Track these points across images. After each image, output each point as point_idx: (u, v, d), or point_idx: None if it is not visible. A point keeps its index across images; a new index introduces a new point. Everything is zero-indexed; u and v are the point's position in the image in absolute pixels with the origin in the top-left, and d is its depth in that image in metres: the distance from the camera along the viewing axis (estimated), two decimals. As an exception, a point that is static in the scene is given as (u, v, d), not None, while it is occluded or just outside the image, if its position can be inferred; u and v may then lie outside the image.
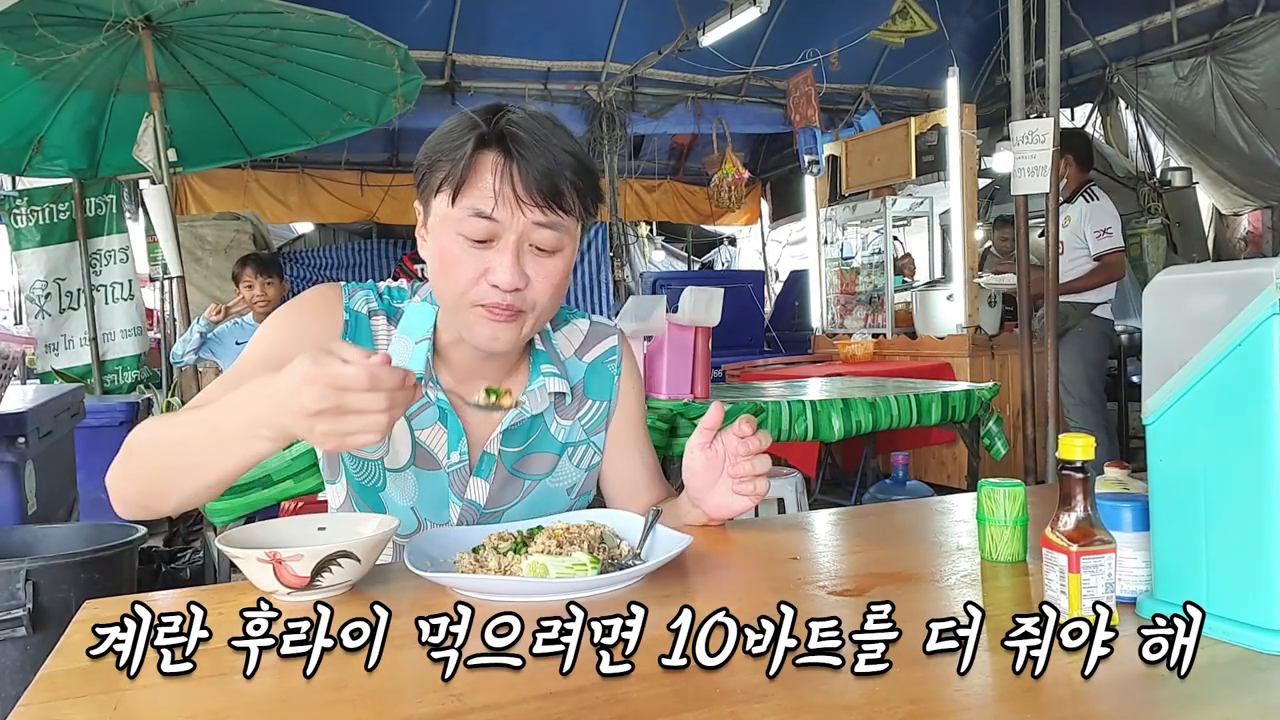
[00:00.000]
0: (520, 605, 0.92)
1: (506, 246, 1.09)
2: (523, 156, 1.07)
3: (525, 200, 1.07)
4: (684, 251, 11.65)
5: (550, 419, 1.26)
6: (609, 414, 1.31)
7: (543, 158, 1.08)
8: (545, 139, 1.09)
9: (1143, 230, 7.02)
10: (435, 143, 1.12)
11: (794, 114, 7.52)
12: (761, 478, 1.13)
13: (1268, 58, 6.34)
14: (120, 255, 6.19)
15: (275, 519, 1.10)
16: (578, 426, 1.28)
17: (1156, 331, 0.84)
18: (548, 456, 1.27)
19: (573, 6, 7.55)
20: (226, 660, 0.80)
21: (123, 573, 2.07)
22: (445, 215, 1.10)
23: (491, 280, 1.09)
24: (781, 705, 0.67)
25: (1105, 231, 4.36)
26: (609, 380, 1.32)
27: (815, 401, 2.84)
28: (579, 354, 1.31)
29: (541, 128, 1.10)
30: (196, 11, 4.27)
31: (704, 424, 1.15)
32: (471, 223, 1.08)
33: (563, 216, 1.11)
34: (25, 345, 6.33)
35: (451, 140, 1.10)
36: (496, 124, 1.08)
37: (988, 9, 7.56)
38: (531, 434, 1.25)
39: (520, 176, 1.07)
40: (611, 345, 1.33)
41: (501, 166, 1.07)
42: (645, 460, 1.34)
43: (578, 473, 1.29)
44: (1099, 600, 0.79)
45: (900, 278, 6.21)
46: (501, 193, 1.07)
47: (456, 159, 1.08)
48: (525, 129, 1.08)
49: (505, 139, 1.08)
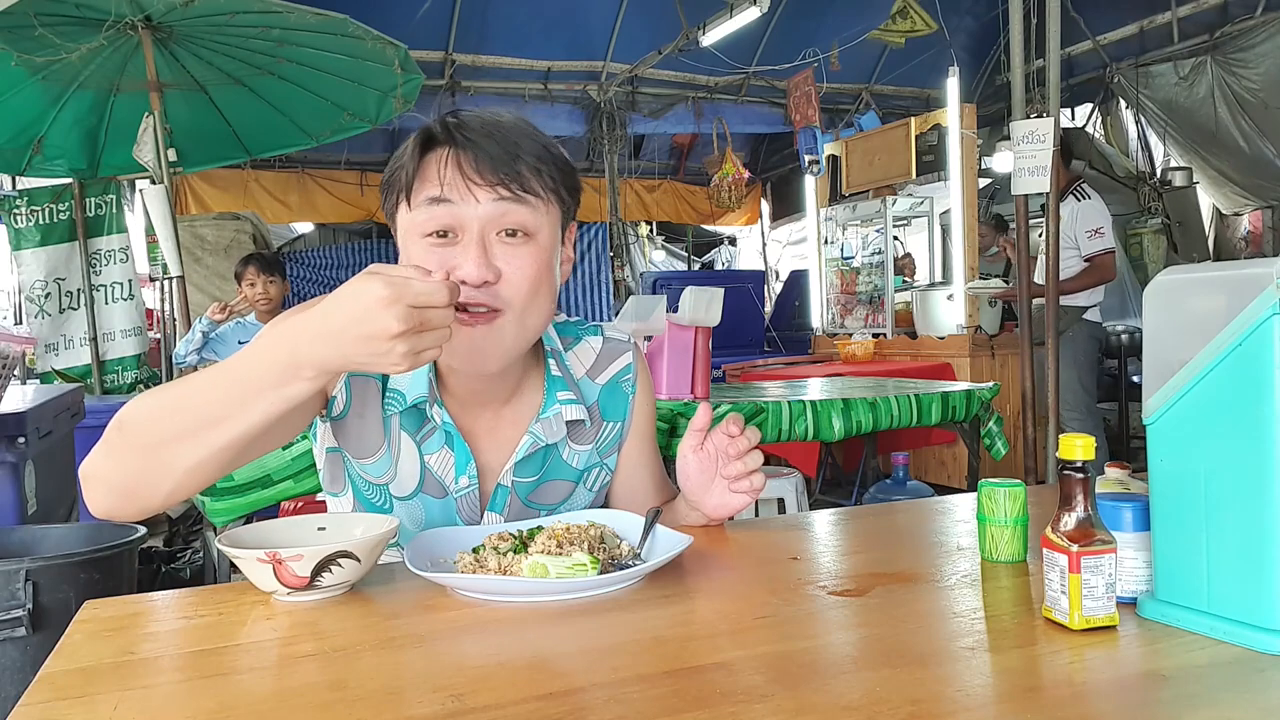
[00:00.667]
0: (520, 605, 0.92)
1: (471, 239, 1.03)
2: (470, 140, 1.03)
3: (476, 180, 1.03)
4: (684, 251, 11.65)
5: (564, 446, 1.22)
6: (623, 434, 1.28)
7: (493, 141, 1.04)
8: (495, 127, 1.05)
9: (1143, 230, 7.02)
10: (393, 162, 1.10)
11: (794, 114, 7.52)
12: (756, 473, 1.12)
13: (1268, 57, 6.34)
14: (120, 255, 6.19)
15: (275, 519, 1.10)
16: (594, 451, 1.25)
17: (1156, 331, 0.84)
18: (564, 484, 1.23)
19: (573, 6, 7.55)
20: (226, 660, 0.80)
21: (122, 573, 2.07)
22: (408, 224, 1.06)
23: (458, 275, 1.01)
24: (781, 705, 0.66)
25: (1097, 231, 4.28)
26: (624, 400, 1.28)
27: (815, 401, 2.84)
28: (591, 374, 1.26)
29: (493, 120, 1.06)
30: (196, 11, 4.27)
31: (693, 426, 1.15)
32: (428, 213, 1.03)
33: (526, 196, 1.04)
34: (25, 345, 6.33)
35: (404, 151, 1.08)
36: (442, 121, 1.06)
37: (988, 9, 7.56)
38: (545, 462, 1.21)
39: (468, 159, 1.03)
40: (627, 364, 1.29)
41: (449, 155, 1.04)
42: (654, 473, 1.33)
43: (589, 495, 1.27)
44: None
45: (900, 278, 6.21)
46: (451, 179, 1.03)
47: (406, 163, 1.06)
48: (471, 122, 1.05)
49: (449, 129, 1.05)
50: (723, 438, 1.13)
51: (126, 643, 0.84)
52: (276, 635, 0.86)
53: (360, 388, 1.16)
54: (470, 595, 0.94)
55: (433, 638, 0.84)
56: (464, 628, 0.87)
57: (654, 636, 0.82)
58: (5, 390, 2.56)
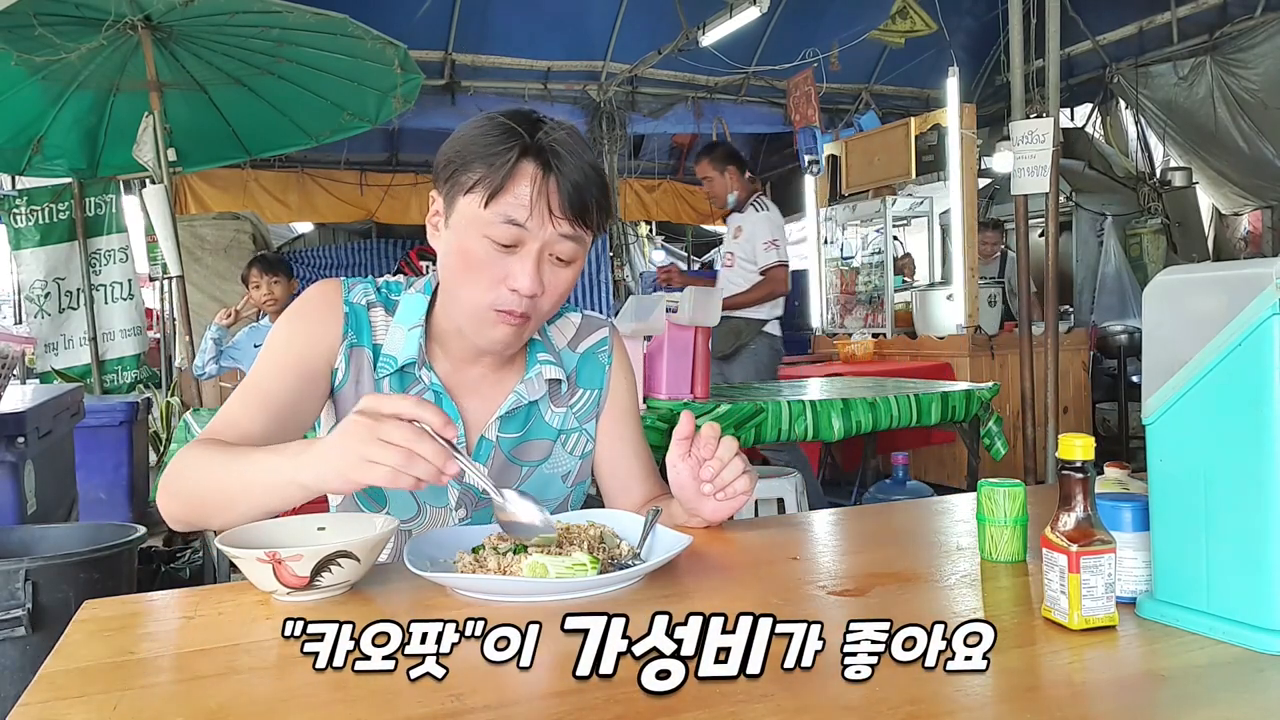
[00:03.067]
0: (520, 605, 0.92)
1: (530, 254, 1.12)
2: (560, 171, 1.11)
3: (557, 213, 1.12)
4: (684, 251, 11.66)
5: (545, 407, 1.30)
6: (600, 402, 1.35)
7: (577, 174, 1.12)
8: (580, 155, 1.13)
9: (1142, 230, 7.02)
10: (468, 143, 1.13)
11: (794, 114, 7.53)
12: (742, 478, 1.12)
13: (1268, 58, 6.34)
14: (120, 255, 6.19)
15: (275, 518, 1.10)
16: (570, 414, 1.32)
17: (1156, 331, 0.84)
18: (543, 443, 1.30)
19: (573, 6, 7.55)
20: (226, 660, 0.80)
21: (122, 572, 2.07)
22: (475, 216, 1.12)
23: (512, 285, 1.13)
24: (781, 705, 0.66)
25: (773, 243, 4.06)
26: (600, 369, 1.35)
27: (815, 401, 2.84)
28: (571, 345, 1.35)
29: (576, 144, 1.14)
30: (196, 11, 4.27)
31: (677, 435, 1.15)
32: (503, 229, 1.11)
33: (585, 231, 1.15)
34: (25, 345, 6.34)
35: (488, 145, 1.11)
36: (537, 137, 1.12)
37: (988, 9, 7.56)
38: (528, 420, 1.29)
39: (556, 190, 1.11)
40: (603, 336, 1.37)
41: (540, 179, 1.11)
42: (638, 453, 1.37)
43: (572, 460, 1.32)
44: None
45: (900, 278, 6.21)
46: (537, 204, 1.10)
47: (496, 165, 1.10)
48: (564, 145, 1.12)
49: (545, 152, 1.11)
50: (702, 457, 1.13)
51: (126, 642, 0.84)
52: (276, 635, 0.86)
53: (356, 357, 1.23)
54: (470, 595, 0.94)
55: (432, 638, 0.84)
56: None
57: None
58: (5, 390, 2.56)
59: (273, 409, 1.16)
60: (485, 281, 1.13)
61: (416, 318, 1.24)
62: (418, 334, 1.23)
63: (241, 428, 1.13)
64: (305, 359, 1.20)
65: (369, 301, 1.25)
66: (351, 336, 1.22)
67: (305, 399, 1.20)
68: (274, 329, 1.24)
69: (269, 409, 1.15)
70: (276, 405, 1.16)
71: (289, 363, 1.19)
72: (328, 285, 1.25)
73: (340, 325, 1.22)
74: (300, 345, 1.20)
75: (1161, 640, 0.79)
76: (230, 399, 1.18)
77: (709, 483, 1.12)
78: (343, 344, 1.22)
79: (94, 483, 4.09)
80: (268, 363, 1.20)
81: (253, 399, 1.16)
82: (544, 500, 1.15)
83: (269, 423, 1.14)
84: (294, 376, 1.19)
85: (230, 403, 1.18)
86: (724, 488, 1.13)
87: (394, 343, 1.23)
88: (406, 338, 1.23)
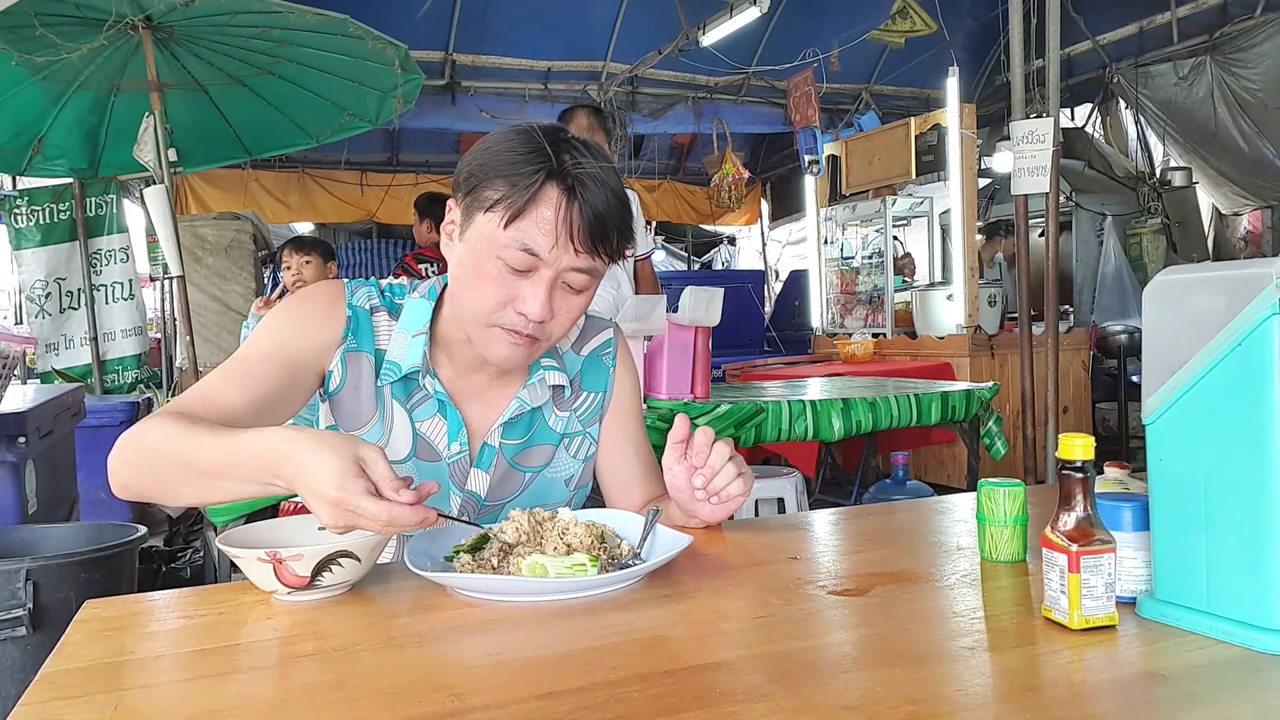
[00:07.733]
0: (520, 605, 0.92)
1: (542, 280, 1.11)
2: (584, 200, 1.09)
3: (577, 245, 1.10)
4: (684, 251, 11.66)
5: (549, 411, 1.29)
6: (604, 405, 1.34)
7: (601, 204, 1.10)
8: (605, 184, 1.11)
9: (1142, 230, 7.02)
10: (493, 157, 1.11)
11: (794, 114, 7.53)
12: (736, 481, 1.12)
13: (1268, 57, 6.34)
14: (120, 255, 6.19)
15: (275, 519, 1.11)
16: (573, 417, 1.31)
17: (1156, 331, 0.84)
18: (546, 448, 1.30)
19: (573, 6, 7.55)
20: (226, 660, 0.80)
21: (123, 572, 2.07)
22: (491, 236, 1.10)
23: (520, 309, 1.11)
24: (781, 705, 0.66)
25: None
26: (604, 372, 1.35)
27: (815, 401, 2.84)
28: (575, 348, 1.34)
29: (601, 170, 1.11)
30: (197, 11, 4.26)
31: (672, 439, 1.15)
32: (518, 255, 1.09)
33: (601, 262, 1.13)
34: (25, 345, 6.33)
35: (515, 164, 1.09)
36: (564, 161, 1.09)
37: (988, 9, 7.56)
38: (531, 426, 1.28)
39: (578, 221, 1.09)
40: (607, 338, 1.36)
41: (564, 208, 1.08)
42: (640, 453, 1.36)
43: (575, 463, 1.32)
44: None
45: (900, 278, 6.21)
46: (561, 239, 1.09)
47: (519, 185, 1.08)
48: (590, 172, 1.10)
49: (571, 178, 1.09)
50: (695, 463, 1.13)
51: (127, 642, 0.84)
52: (276, 635, 0.86)
53: (354, 362, 1.21)
54: (470, 595, 0.94)
55: (432, 637, 0.84)
56: (464, 627, 0.87)
57: (654, 636, 0.82)
58: (5, 390, 2.56)
59: (254, 393, 1.11)
60: (495, 300, 1.11)
61: (421, 324, 1.22)
62: (422, 341, 1.21)
63: (218, 406, 1.07)
64: (298, 351, 1.17)
65: (372, 305, 1.23)
66: (351, 340, 1.21)
67: (288, 390, 1.16)
68: (271, 314, 1.21)
69: (250, 392, 1.10)
70: (259, 391, 1.11)
71: (280, 352, 1.15)
72: (331, 286, 1.24)
73: (340, 327, 1.21)
74: (295, 336, 1.17)
75: (1161, 640, 0.79)
76: (212, 374, 1.13)
77: (702, 489, 1.12)
78: (340, 346, 1.20)
79: (94, 483, 4.08)
80: (257, 346, 1.16)
81: (235, 378, 1.11)
82: (545, 505, 1.15)
83: (246, 407, 1.09)
84: (281, 365, 1.15)
85: (211, 378, 1.12)
86: (718, 493, 1.12)
87: (398, 349, 1.21)
88: (410, 345, 1.21)
